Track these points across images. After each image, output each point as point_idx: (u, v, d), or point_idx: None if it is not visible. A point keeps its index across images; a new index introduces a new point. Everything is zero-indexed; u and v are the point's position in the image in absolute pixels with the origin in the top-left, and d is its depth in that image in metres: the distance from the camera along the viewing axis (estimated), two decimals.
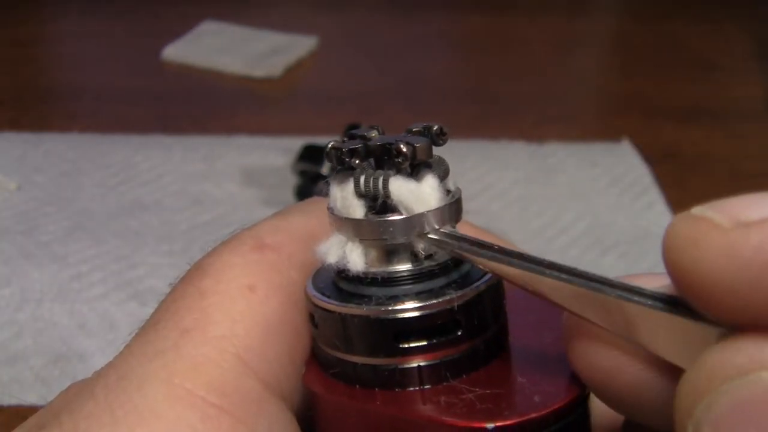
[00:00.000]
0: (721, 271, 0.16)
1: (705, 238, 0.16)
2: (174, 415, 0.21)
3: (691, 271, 0.17)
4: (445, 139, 0.22)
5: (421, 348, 0.22)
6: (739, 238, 0.16)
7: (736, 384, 0.16)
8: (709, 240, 0.16)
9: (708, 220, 0.17)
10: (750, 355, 0.16)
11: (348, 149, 0.22)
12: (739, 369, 0.16)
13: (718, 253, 0.16)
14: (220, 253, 0.25)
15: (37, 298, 0.60)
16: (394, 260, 0.22)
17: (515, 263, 0.21)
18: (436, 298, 0.22)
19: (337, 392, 0.23)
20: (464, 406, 0.21)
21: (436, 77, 1.06)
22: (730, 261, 0.16)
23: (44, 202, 0.72)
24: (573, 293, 0.20)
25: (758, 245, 0.16)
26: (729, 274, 0.16)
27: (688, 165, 0.84)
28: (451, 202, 0.22)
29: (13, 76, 1.02)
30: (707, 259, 0.16)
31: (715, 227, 0.16)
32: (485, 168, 0.80)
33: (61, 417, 0.22)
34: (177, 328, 0.23)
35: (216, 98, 0.97)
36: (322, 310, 0.23)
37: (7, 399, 0.52)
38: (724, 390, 0.16)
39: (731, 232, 0.16)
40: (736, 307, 0.16)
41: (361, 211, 0.22)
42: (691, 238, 0.17)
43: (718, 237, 0.16)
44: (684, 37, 1.18)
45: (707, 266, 0.16)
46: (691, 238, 0.17)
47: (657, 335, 0.18)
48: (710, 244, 0.16)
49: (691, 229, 0.17)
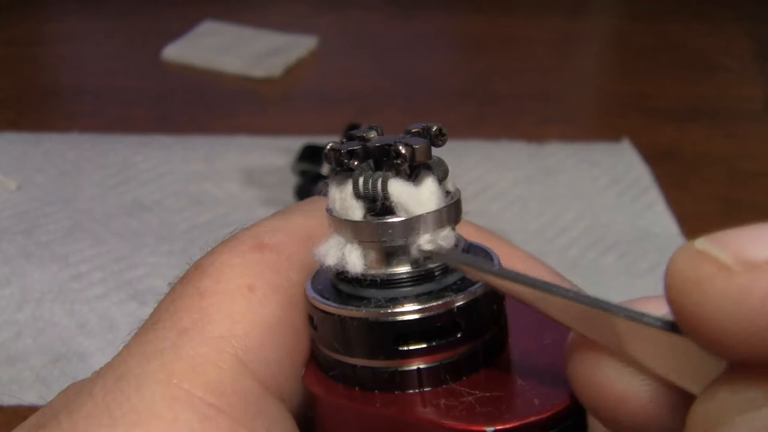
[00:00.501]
0: (727, 317, 0.15)
1: (709, 281, 0.16)
2: (172, 416, 0.21)
3: (695, 313, 0.16)
4: (444, 140, 0.22)
5: (420, 350, 0.22)
6: (746, 284, 0.15)
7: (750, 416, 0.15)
8: (713, 284, 0.16)
9: (712, 259, 0.16)
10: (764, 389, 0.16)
11: (347, 150, 0.22)
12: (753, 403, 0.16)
13: (724, 299, 0.15)
14: (220, 253, 0.25)
15: (37, 298, 0.60)
16: (393, 262, 0.22)
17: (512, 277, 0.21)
18: (435, 301, 0.22)
19: (337, 394, 0.22)
20: (464, 408, 0.21)
21: (436, 77, 1.06)
22: (736, 308, 0.15)
23: (44, 202, 0.72)
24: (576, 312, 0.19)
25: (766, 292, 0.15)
26: (735, 320, 0.15)
27: (688, 165, 0.84)
28: (450, 204, 0.22)
29: (13, 76, 1.02)
30: (711, 304, 0.16)
31: (719, 269, 0.16)
32: (485, 168, 0.80)
33: (59, 417, 0.22)
34: (176, 328, 0.23)
35: (216, 98, 0.97)
36: (321, 312, 0.23)
37: (7, 399, 0.52)
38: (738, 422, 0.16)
39: (737, 276, 0.15)
40: (742, 352, 0.16)
41: (360, 213, 0.22)
42: (694, 280, 0.16)
43: (723, 281, 0.15)
44: (684, 37, 1.18)
45: (711, 311, 0.16)
46: (695, 279, 0.16)
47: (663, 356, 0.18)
48: (715, 289, 0.16)
49: (695, 269, 0.16)
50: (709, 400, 0.16)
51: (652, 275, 0.65)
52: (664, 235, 0.71)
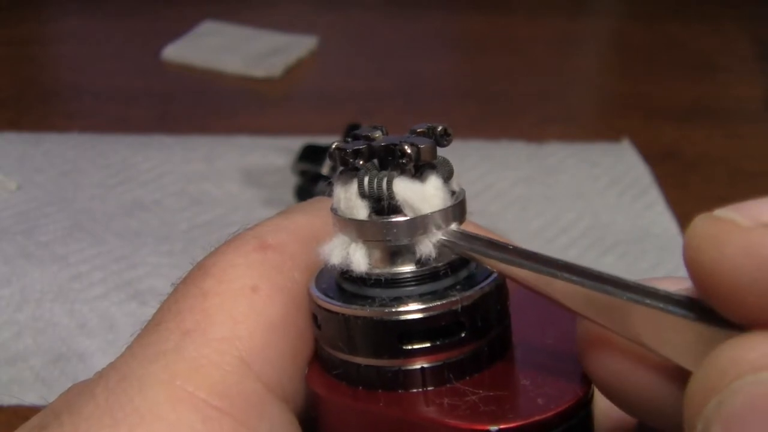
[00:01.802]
0: (741, 270, 0.16)
1: (726, 237, 0.17)
2: (175, 417, 0.21)
3: (711, 269, 0.17)
4: (449, 140, 0.22)
5: (424, 349, 0.22)
6: (760, 237, 0.16)
7: (749, 381, 0.16)
8: (729, 239, 0.17)
9: (729, 220, 0.17)
10: (764, 351, 0.16)
11: (352, 150, 0.22)
12: (753, 365, 0.16)
13: (739, 252, 0.16)
14: (223, 253, 0.25)
15: (37, 298, 0.60)
16: (398, 261, 0.22)
17: (527, 265, 0.21)
18: (439, 300, 0.21)
19: (340, 393, 0.22)
20: (468, 408, 0.21)
21: (436, 77, 1.06)
22: (750, 260, 0.16)
23: (44, 202, 0.72)
24: (584, 297, 0.20)
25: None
26: (749, 272, 0.16)
27: (688, 165, 0.84)
28: (455, 203, 0.22)
29: (13, 76, 1.02)
30: (727, 258, 0.16)
31: (735, 227, 0.17)
32: (485, 168, 0.80)
33: (61, 418, 0.22)
34: (178, 329, 0.23)
35: (216, 98, 0.97)
36: (325, 311, 0.22)
37: (7, 399, 0.52)
38: (736, 387, 0.16)
39: (752, 231, 0.16)
40: (755, 306, 0.16)
41: (365, 212, 0.22)
42: (711, 237, 0.17)
43: (739, 236, 0.16)
44: (684, 37, 1.18)
45: (727, 265, 0.16)
46: (712, 237, 0.17)
47: (669, 339, 0.18)
48: (731, 243, 0.16)
49: (712, 228, 0.17)
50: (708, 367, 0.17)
51: (653, 275, 0.65)
52: (664, 235, 0.71)
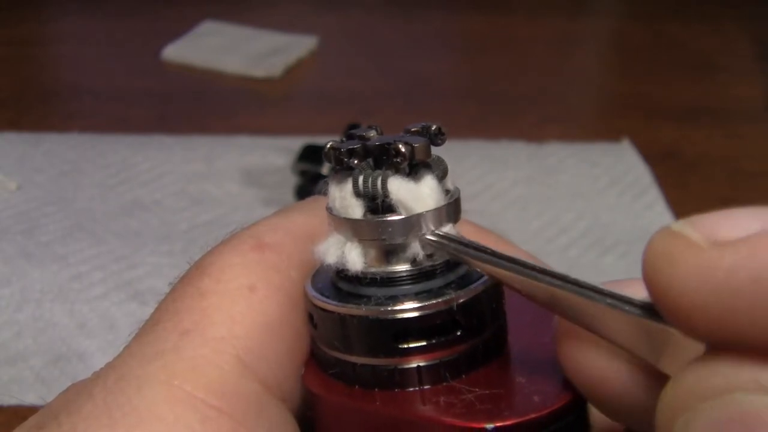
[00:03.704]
0: (694, 292, 0.16)
1: (680, 257, 0.16)
2: (173, 417, 0.21)
3: (666, 288, 0.17)
4: (443, 139, 0.22)
5: (420, 348, 0.22)
6: (713, 259, 0.16)
7: (713, 405, 0.16)
8: (683, 259, 0.16)
9: (685, 237, 0.17)
10: (726, 376, 0.16)
11: (346, 149, 0.22)
12: (715, 390, 0.16)
13: (692, 273, 0.16)
14: (220, 252, 0.25)
15: (37, 298, 0.60)
16: (393, 260, 0.22)
17: (509, 267, 0.21)
18: (435, 299, 0.22)
19: (337, 392, 0.22)
20: (463, 406, 0.21)
21: (436, 77, 1.06)
22: (703, 282, 0.16)
23: (44, 202, 0.72)
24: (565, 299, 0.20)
25: (731, 267, 0.15)
26: (702, 294, 0.16)
27: (688, 165, 0.84)
28: (449, 202, 0.22)
29: (13, 76, 1.02)
30: (681, 278, 0.16)
31: (690, 246, 0.16)
32: (485, 168, 0.80)
33: (60, 418, 0.22)
34: (176, 329, 0.23)
35: (216, 98, 0.97)
36: (321, 310, 0.23)
37: (7, 399, 0.52)
38: (701, 409, 0.16)
39: (705, 252, 0.16)
40: (710, 328, 0.16)
41: (360, 211, 0.22)
42: (666, 255, 0.17)
43: (692, 256, 0.16)
44: (684, 37, 1.18)
45: (681, 285, 0.16)
46: (667, 255, 0.17)
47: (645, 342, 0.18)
48: (684, 263, 0.16)
49: (668, 245, 0.17)
50: (676, 387, 0.17)
51: None
52: None
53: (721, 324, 0.16)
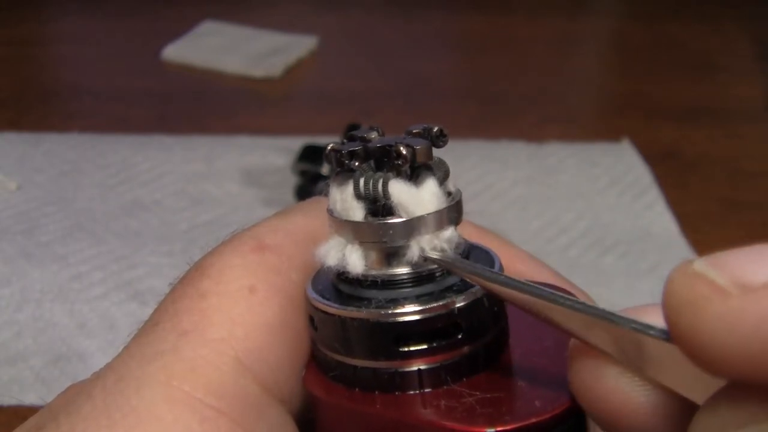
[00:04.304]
0: (721, 341, 0.15)
1: (704, 303, 0.15)
2: (172, 418, 0.21)
3: (690, 335, 0.16)
4: (445, 141, 0.22)
5: (421, 351, 0.22)
6: (741, 307, 0.15)
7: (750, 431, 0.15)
8: (708, 306, 0.15)
9: (709, 281, 0.16)
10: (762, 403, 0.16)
11: (347, 151, 0.22)
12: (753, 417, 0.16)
13: (718, 322, 0.15)
14: (220, 253, 0.25)
15: (37, 298, 0.60)
16: (394, 263, 0.22)
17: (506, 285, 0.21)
18: (436, 302, 0.21)
19: (337, 395, 0.22)
20: (464, 410, 0.21)
21: (436, 77, 1.06)
22: (731, 333, 0.15)
23: (44, 202, 0.72)
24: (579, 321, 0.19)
25: (761, 317, 0.15)
26: (729, 344, 0.15)
27: (688, 165, 0.84)
28: (451, 205, 0.22)
29: (13, 76, 1.02)
30: (706, 327, 0.15)
31: (715, 291, 0.15)
32: (485, 168, 0.80)
33: (59, 418, 0.22)
34: (176, 329, 0.23)
35: (216, 98, 0.97)
36: (322, 312, 0.22)
37: (7, 399, 0.52)
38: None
39: (732, 299, 0.15)
40: (736, 375, 0.16)
41: (361, 214, 0.22)
42: (690, 301, 0.16)
43: (718, 304, 0.15)
44: (684, 37, 1.18)
45: (706, 334, 0.15)
46: (690, 301, 0.16)
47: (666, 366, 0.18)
48: (710, 311, 0.15)
49: (691, 290, 0.16)
50: (710, 415, 0.16)
51: (652, 275, 0.65)
52: (664, 235, 0.71)
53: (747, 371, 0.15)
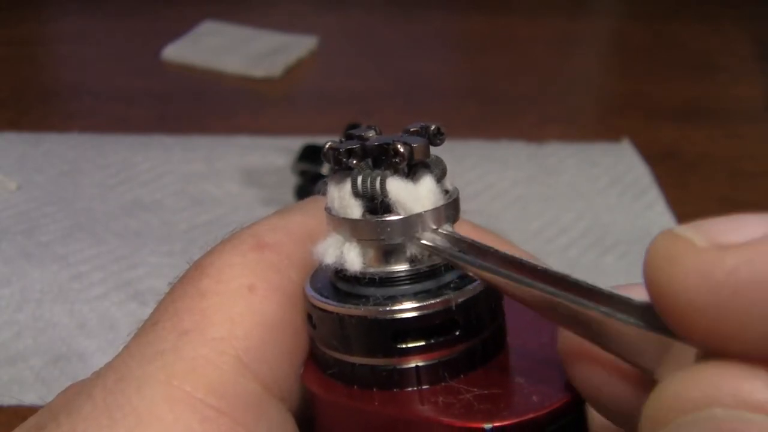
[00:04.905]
0: (693, 291, 0.16)
1: (680, 257, 0.16)
2: (172, 417, 0.21)
3: (666, 288, 0.17)
4: (442, 139, 0.22)
5: (419, 348, 0.22)
6: (714, 260, 0.16)
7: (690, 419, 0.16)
8: (684, 259, 0.16)
9: (687, 239, 0.17)
10: (705, 390, 0.16)
11: (345, 149, 0.22)
12: (694, 404, 0.16)
13: (691, 273, 0.16)
14: (220, 252, 0.25)
15: (37, 298, 0.60)
16: (392, 260, 0.22)
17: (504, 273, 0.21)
18: (433, 299, 0.22)
19: (335, 392, 0.22)
20: (462, 406, 0.21)
21: (436, 77, 1.06)
22: (702, 282, 0.16)
23: (44, 202, 0.72)
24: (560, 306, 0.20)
25: (731, 269, 0.16)
26: (700, 295, 0.16)
27: (688, 165, 0.84)
28: (448, 202, 0.22)
29: (13, 76, 1.02)
30: (680, 278, 0.16)
31: (692, 247, 0.16)
32: (485, 168, 0.80)
33: (59, 418, 0.22)
34: (176, 329, 0.23)
35: (216, 98, 0.97)
36: (320, 310, 0.23)
37: (7, 399, 0.52)
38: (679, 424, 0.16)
39: (705, 252, 0.16)
40: (705, 330, 0.16)
41: (359, 212, 0.22)
42: (667, 256, 0.17)
43: (693, 256, 0.16)
44: (684, 37, 1.18)
45: (680, 285, 0.16)
46: (668, 255, 0.17)
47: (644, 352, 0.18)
48: (685, 263, 0.16)
49: (670, 247, 0.17)
50: (656, 399, 0.17)
51: None
52: None
53: (717, 325, 0.16)
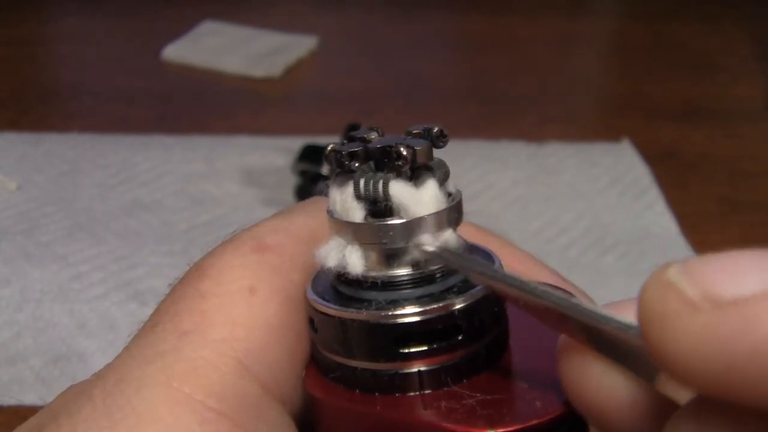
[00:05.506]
0: (689, 355, 0.15)
1: (674, 318, 0.16)
2: (172, 419, 0.21)
3: (659, 347, 0.16)
4: (445, 142, 0.22)
5: (421, 353, 0.21)
6: (709, 323, 0.15)
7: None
8: (677, 321, 0.16)
9: (680, 292, 0.16)
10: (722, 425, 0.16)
11: (348, 152, 0.22)
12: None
13: (686, 337, 0.15)
14: (220, 253, 0.25)
15: (37, 298, 0.60)
16: (394, 264, 0.22)
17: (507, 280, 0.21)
18: (436, 303, 0.21)
19: (337, 396, 0.22)
20: (465, 411, 0.21)
21: (436, 77, 1.06)
22: (698, 347, 0.15)
23: (44, 202, 0.72)
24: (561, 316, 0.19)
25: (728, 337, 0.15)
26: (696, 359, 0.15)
27: (688, 165, 0.84)
28: (451, 206, 0.22)
29: (13, 76, 1.02)
30: (675, 340, 0.16)
31: (685, 304, 0.16)
32: (485, 168, 0.80)
33: (59, 419, 0.22)
34: (176, 330, 0.23)
35: (216, 98, 0.97)
36: (322, 314, 0.22)
37: (7, 399, 0.52)
38: None
39: (701, 314, 0.15)
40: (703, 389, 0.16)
41: (361, 215, 0.22)
42: (660, 314, 0.16)
43: (687, 319, 0.15)
44: (684, 37, 1.18)
45: (674, 347, 0.16)
46: (661, 313, 0.16)
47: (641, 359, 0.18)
48: (678, 325, 0.15)
49: (662, 301, 0.16)
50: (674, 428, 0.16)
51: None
52: (664, 235, 0.71)
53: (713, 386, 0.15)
